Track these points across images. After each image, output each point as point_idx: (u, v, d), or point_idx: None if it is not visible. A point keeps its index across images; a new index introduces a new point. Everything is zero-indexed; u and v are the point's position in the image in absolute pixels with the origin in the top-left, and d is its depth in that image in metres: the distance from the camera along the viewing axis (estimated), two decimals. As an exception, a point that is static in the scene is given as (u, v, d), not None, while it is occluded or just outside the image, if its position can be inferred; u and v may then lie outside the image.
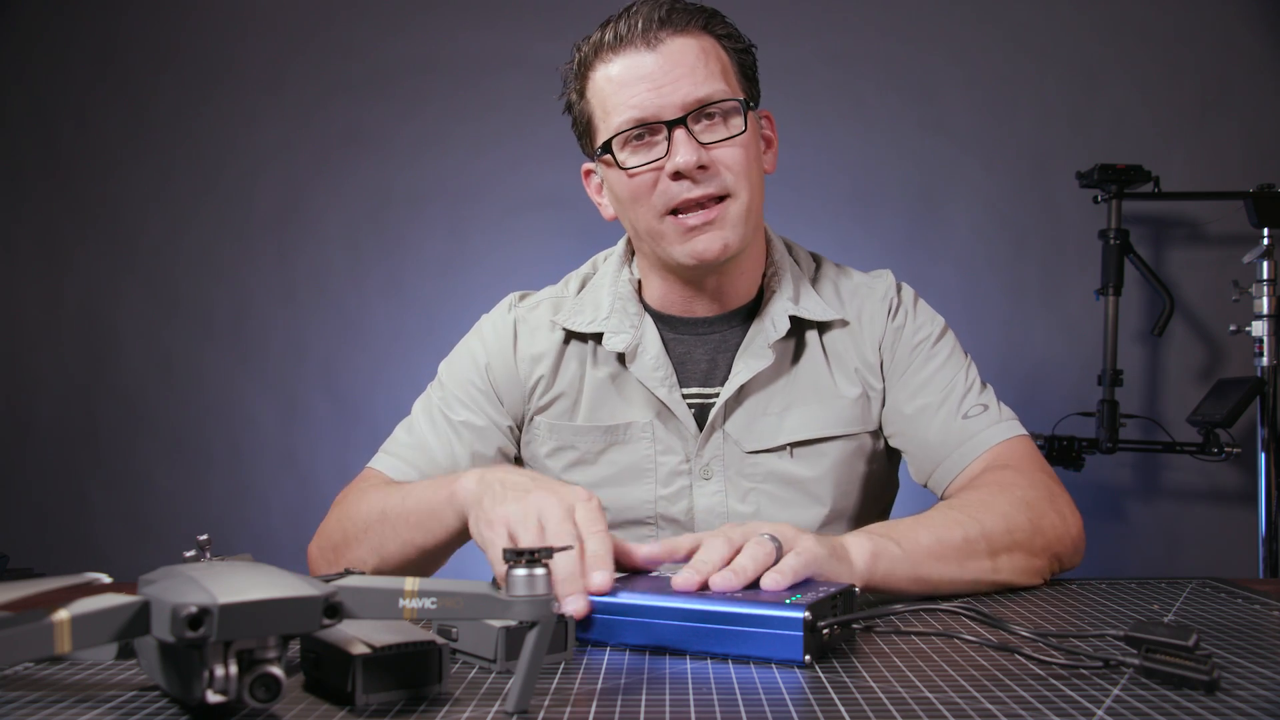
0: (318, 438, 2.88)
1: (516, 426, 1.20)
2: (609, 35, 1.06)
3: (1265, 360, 2.49)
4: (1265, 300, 2.48)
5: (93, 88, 2.93)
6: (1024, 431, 1.13)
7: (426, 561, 1.04)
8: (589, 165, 1.17)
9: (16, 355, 2.94)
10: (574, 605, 0.73)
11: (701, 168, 1.04)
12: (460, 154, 2.89)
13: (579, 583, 0.75)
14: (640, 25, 1.04)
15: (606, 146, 1.07)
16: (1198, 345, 2.82)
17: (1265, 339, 2.48)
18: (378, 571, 1.05)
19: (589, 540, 0.78)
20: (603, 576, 0.76)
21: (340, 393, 2.88)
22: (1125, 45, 2.82)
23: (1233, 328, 2.54)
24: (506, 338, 1.19)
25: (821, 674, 0.67)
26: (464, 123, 2.89)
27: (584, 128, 1.13)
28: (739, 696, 0.62)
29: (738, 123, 1.06)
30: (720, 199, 1.06)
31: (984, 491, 1.03)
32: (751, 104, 1.09)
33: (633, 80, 1.04)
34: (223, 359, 2.90)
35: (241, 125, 2.91)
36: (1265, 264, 2.49)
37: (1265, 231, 2.48)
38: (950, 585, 0.93)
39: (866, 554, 0.87)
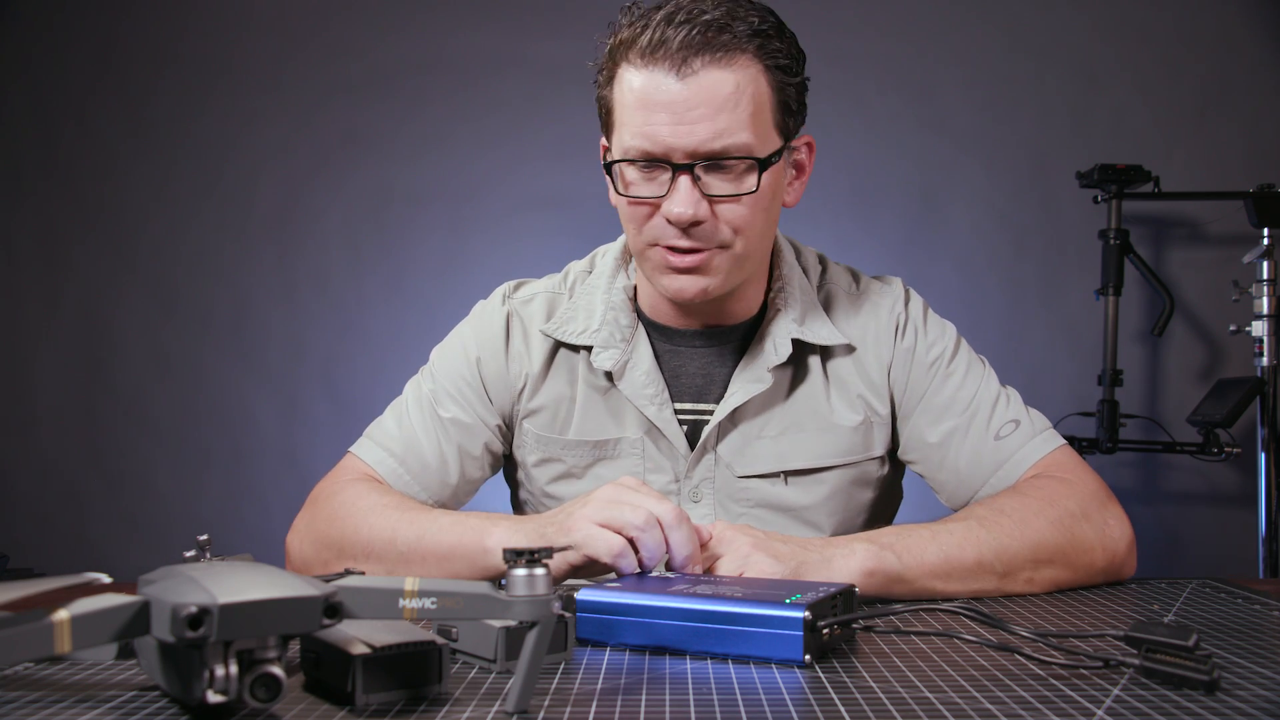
0: (318, 438, 2.88)
1: (505, 425, 1.16)
2: (644, 39, 0.95)
3: (1265, 360, 2.49)
4: (1265, 300, 2.48)
5: (93, 88, 2.93)
6: (1062, 441, 1.09)
7: None
8: (605, 142, 1.08)
9: (16, 355, 2.94)
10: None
11: (697, 223, 0.97)
12: (460, 154, 2.89)
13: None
14: (676, 44, 0.93)
15: (610, 166, 1.01)
16: (1198, 345, 2.82)
17: (1265, 339, 2.48)
18: None
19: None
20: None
21: (340, 393, 2.88)
22: (1125, 45, 2.82)
23: (1233, 328, 2.55)
24: (498, 332, 1.14)
25: (821, 674, 0.67)
26: (464, 123, 2.89)
27: (604, 114, 1.04)
28: (739, 696, 0.62)
29: (751, 180, 0.97)
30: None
31: (1027, 502, 0.99)
32: (774, 158, 0.99)
33: (651, 105, 0.95)
34: (222, 359, 2.90)
35: (241, 125, 2.91)
36: (1265, 264, 2.49)
37: (1265, 231, 2.48)
38: (952, 596, 0.93)
39: (858, 573, 0.87)
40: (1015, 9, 2.84)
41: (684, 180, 0.96)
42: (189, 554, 0.69)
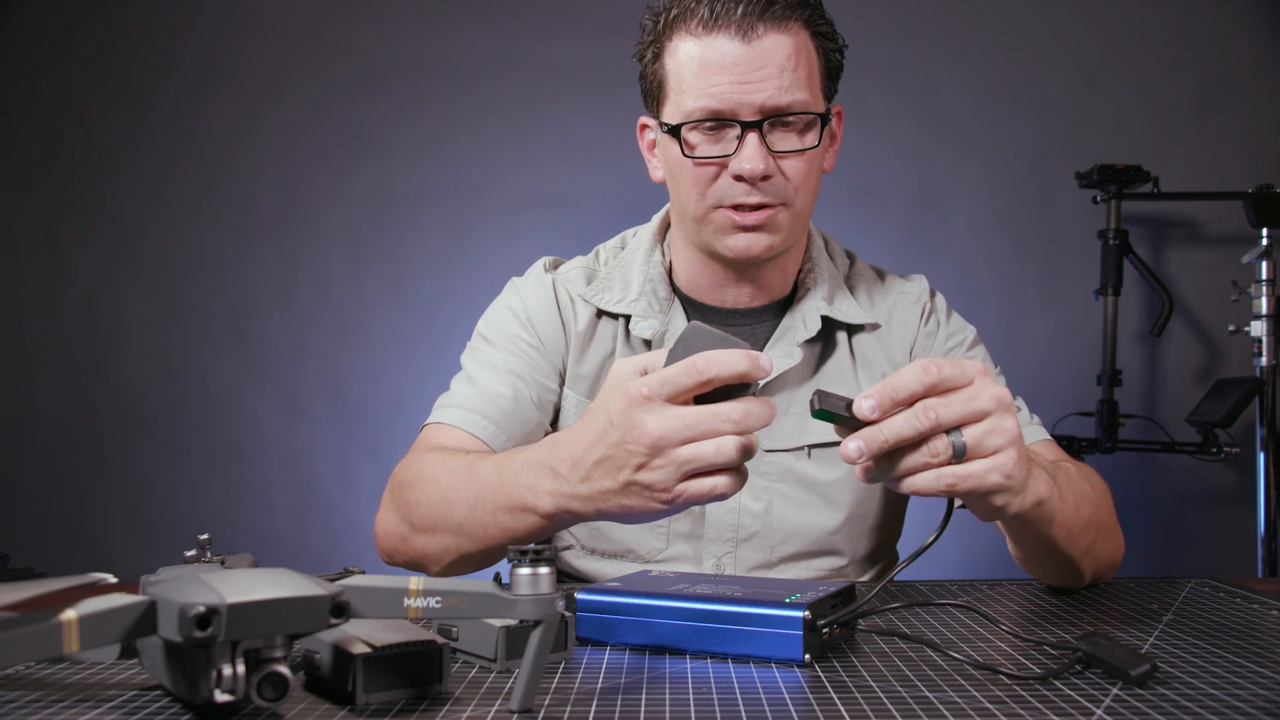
0: (318, 438, 2.88)
1: (558, 383, 1.14)
2: (704, 10, 1.00)
3: (1264, 360, 2.49)
4: (1264, 300, 2.48)
5: (93, 88, 2.93)
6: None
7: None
8: (646, 120, 1.12)
9: (17, 355, 2.94)
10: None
11: (766, 177, 1.02)
12: (460, 154, 2.89)
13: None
14: (740, 10, 0.99)
15: (676, 130, 1.03)
16: (1197, 345, 2.82)
17: (1264, 339, 2.48)
18: (462, 556, 0.95)
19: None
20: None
21: (340, 393, 2.89)
22: (1125, 45, 2.82)
23: (1232, 328, 2.55)
24: (546, 295, 1.15)
25: (821, 674, 0.67)
26: (464, 123, 2.89)
27: (652, 89, 1.08)
28: (739, 696, 0.62)
29: (812, 137, 1.03)
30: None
31: (1085, 472, 1.00)
32: (828, 116, 1.05)
33: (717, 68, 1.00)
34: (223, 359, 2.90)
35: (241, 125, 2.91)
36: (1264, 264, 2.49)
37: (1264, 231, 2.49)
38: (1059, 550, 0.89)
39: (1031, 500, 0.77)
40: (1015, 9, 2.84)
41: (752, 137, 1.01)
42: (189, 554, 0.68)
